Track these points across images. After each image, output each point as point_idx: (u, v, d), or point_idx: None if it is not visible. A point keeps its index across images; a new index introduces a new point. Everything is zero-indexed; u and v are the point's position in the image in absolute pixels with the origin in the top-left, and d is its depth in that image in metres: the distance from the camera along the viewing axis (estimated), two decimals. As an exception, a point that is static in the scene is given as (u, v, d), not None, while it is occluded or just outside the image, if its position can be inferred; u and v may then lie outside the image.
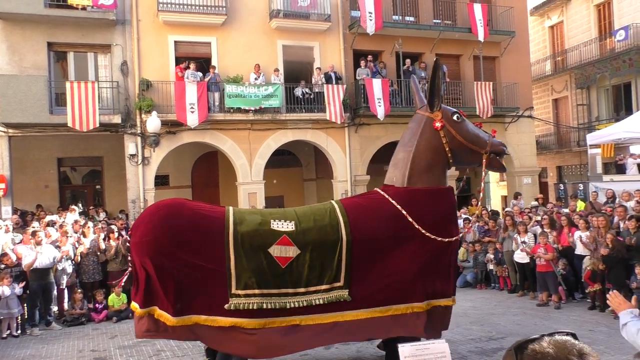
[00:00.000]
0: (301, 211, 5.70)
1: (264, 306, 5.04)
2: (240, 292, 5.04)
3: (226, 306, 5.02)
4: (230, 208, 5.63)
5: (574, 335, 1.26)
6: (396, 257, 5.37)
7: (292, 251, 5.10)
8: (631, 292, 8.58)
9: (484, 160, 6.01)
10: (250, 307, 5.02)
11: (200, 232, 5.13)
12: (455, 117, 6.06)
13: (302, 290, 5.14)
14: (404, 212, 5.49)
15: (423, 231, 5.44)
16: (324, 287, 5.17)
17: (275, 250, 5.09)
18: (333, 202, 5.93)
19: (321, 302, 5.11)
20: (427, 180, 5.85)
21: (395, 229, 5.45)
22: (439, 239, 5.49)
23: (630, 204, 10.96)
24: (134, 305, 5.29)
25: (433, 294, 5.47)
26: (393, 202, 5.59)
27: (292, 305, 5.08)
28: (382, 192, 5.87)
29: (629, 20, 20.12)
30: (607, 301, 3.35)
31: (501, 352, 6.88)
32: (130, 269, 5.44)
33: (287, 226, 5.22)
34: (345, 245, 5.18)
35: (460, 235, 6.11)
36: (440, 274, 5.56)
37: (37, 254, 9.18)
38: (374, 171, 18.05)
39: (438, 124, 5.96)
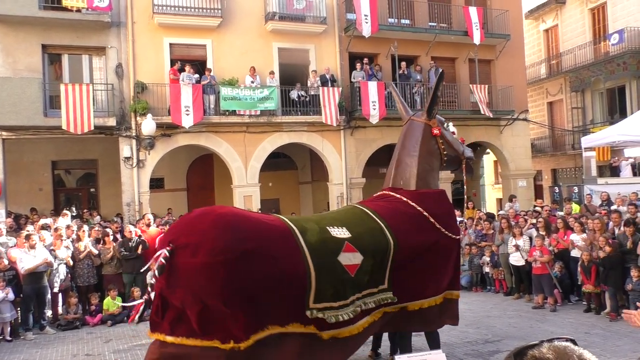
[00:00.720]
0: (338, 216, 5.52)
1: (340, 319, 4.61)
2: (318, 305, 4.51)
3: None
4: (280, 216, 5.23)
5: (573, 341, 1.25)
6: (427, 256, 5.65)
7: (357, 258, 4.85)
8: (626, 295, 8.62)
9: (464, 166, 6.73)
10: (328, 321, 4.53)
11: (272, 241, 4.42)
12: (445, 125, 6.65)
13: (360, 295, 4.92)
14: (425, 213, 5.79)
15: (443, 230, 5.82)
16: (374, 290, 5.08)
17: (344, 259, 4.76)
18: (359, 205, 5.98)
19: (373, 305, 5.00)
20: (430, 183, 6.32)
21: (424, 230, 5.73)
22: (454, 236, 5.97)
23: (624, 208, 10.98)
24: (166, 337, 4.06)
25: (449, 285, 5.90)
26: (413, 204, 5.85)
27: (356, 312, 4.79)
28: (397, 195, 6.06)
29: (624, 24, 20.24)
30: (624, 317, 3.29)
31: (497, 355, 6.88)
32: (146, 296, 4.18)
33: (343, 233, 4.96)
34: (392, 248, 5.21)
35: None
36: (454, 268, 6.04)
37: (43, 260, 9.11)
38: (370, 174, 18.06)
39: (436, 131, 6.36)
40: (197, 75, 15.29)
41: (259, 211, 14.09)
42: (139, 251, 10.33)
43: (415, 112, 6.82)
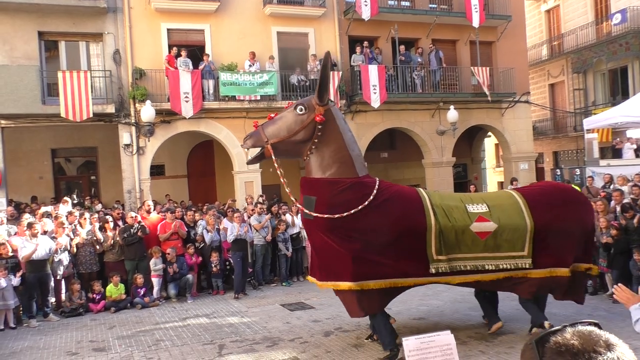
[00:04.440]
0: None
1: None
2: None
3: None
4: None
5: (597, 325, 1.18)
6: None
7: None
8: (630, 276, 8.61)
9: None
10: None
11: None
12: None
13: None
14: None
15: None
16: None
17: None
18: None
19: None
20: None
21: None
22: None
23: (625, 189, 10.95)
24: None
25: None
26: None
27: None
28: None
29: (626, 4, 19.99)
30: (614, 295, 3.29)
31: (501, 337, 6.89)
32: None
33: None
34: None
35: None
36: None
37: (38, 246, 9.12)
38: (371, 158, 17.99)
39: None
40: (189, 60, 15.08)
41: (261, 197, 14.09)
42: (140, 234, 10.34)
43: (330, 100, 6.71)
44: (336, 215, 5.97)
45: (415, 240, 6.14)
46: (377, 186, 6.24)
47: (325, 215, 6.02)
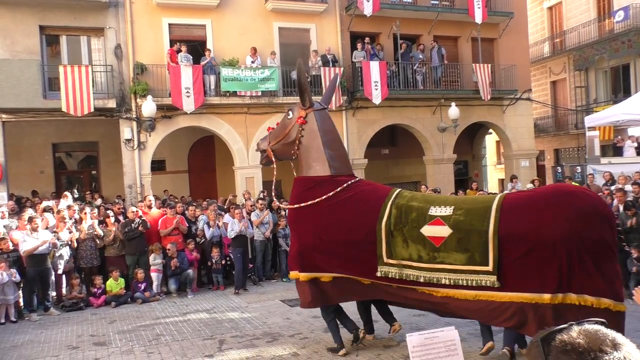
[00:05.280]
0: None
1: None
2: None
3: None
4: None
5: (604, 324, 1.17)
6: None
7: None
8: (629, 274, 8.63)
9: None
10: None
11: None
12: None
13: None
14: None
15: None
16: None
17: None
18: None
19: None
20: None
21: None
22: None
23: (628, 187, 10.95)
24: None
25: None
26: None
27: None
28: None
29: (629, 1, 19.91)
30: (634, 297, 3.27)
31: (500, 334, 6.89)
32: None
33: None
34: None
35: None
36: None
37: (42, 242, 9.14)
38: (372, 155, 17.99)
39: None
40: (190, 55, 15.06)
41: (262, 193, 14.09)
42: (141, 229, 10.36)
43: (318, 102, 6.88)
44: (295, 206, 6.42)
45: (365, 239, 5.86)
46: (346, 184, 6.28)
47: (288, 206, 6.72)
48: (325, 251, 6.14)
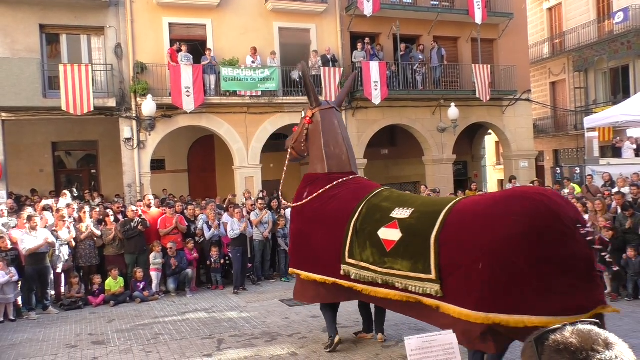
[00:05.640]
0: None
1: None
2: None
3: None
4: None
5: (597, 324, 1.18)
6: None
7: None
8: (626, 274, 8.65)
9: None
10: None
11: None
12: None
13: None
14: None
15: None
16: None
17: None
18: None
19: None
20: None
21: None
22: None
23: (626, 190, 10.97)
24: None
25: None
26: None
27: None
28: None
29: (628, 2, 19.93)
30: None
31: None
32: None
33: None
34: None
35: None
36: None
37: (44, 240, 9.15)
38: (371, 155, 18.01)
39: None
40: (190, 55, 15.07)
41: (262, 193, 14.11)
42: (140, 228, 10.36)
43: (326, 101, 7.29)
44: (293, 204, 6.69)
45: (335, 238, 5.86)
46: (336, 182, 6.37)
47: (288, 204, 7.06)
48: (307, 246, 6.31)
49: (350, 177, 6.56)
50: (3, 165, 13.82)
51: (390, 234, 5.18)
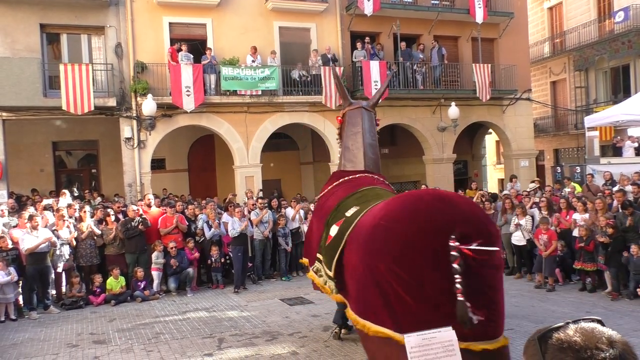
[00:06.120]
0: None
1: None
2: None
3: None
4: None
5: (600, 322, 1.18)
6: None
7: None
8: (627, 273, 8.64)
9: None
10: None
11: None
12: None
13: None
14: None
15: None
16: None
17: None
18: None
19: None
20: None
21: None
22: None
23: (629, 188, 10.96)
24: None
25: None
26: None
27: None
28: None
29: (629, 2, 19.91)
30: None
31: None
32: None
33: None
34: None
35: None
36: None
37: (44, 239, 9.16)
38: (372, 154, 17.95)
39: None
40: (191, 55, 15.06)
41: (260, 192, 14.12)
42: (141, 227, 10.37)
43: (357, 101, 7.70)
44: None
45: (320, 233, 5.72)
46: (342, 179, 6.49)
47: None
48: (310, 242, 6.50)
49: (357, 175, 6.50)
50: (3, 164, 13.82)
51: (333, 231, 5.01)
